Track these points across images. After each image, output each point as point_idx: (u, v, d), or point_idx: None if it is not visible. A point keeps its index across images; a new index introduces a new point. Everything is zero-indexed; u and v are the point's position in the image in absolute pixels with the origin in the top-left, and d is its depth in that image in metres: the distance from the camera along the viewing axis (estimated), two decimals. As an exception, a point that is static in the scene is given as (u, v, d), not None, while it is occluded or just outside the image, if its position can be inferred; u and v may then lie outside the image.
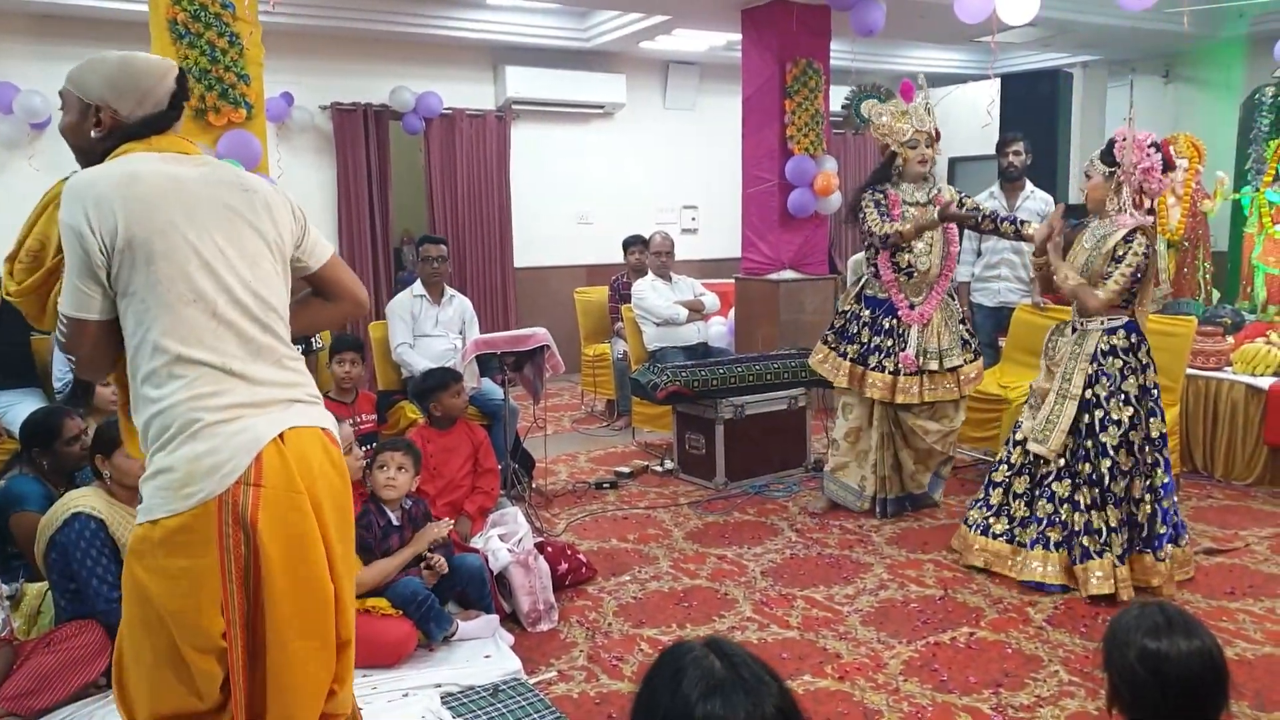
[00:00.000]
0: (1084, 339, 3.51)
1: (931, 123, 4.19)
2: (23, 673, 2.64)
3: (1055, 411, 3.52)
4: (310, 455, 1.79)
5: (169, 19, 4.44)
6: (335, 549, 1.84)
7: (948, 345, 4.20)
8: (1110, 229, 3.47)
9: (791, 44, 6.31)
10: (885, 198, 4.19)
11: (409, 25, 6.97)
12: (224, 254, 1.79)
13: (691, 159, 8.86)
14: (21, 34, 6.28)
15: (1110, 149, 3.47)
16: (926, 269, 4.18)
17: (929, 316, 4.18)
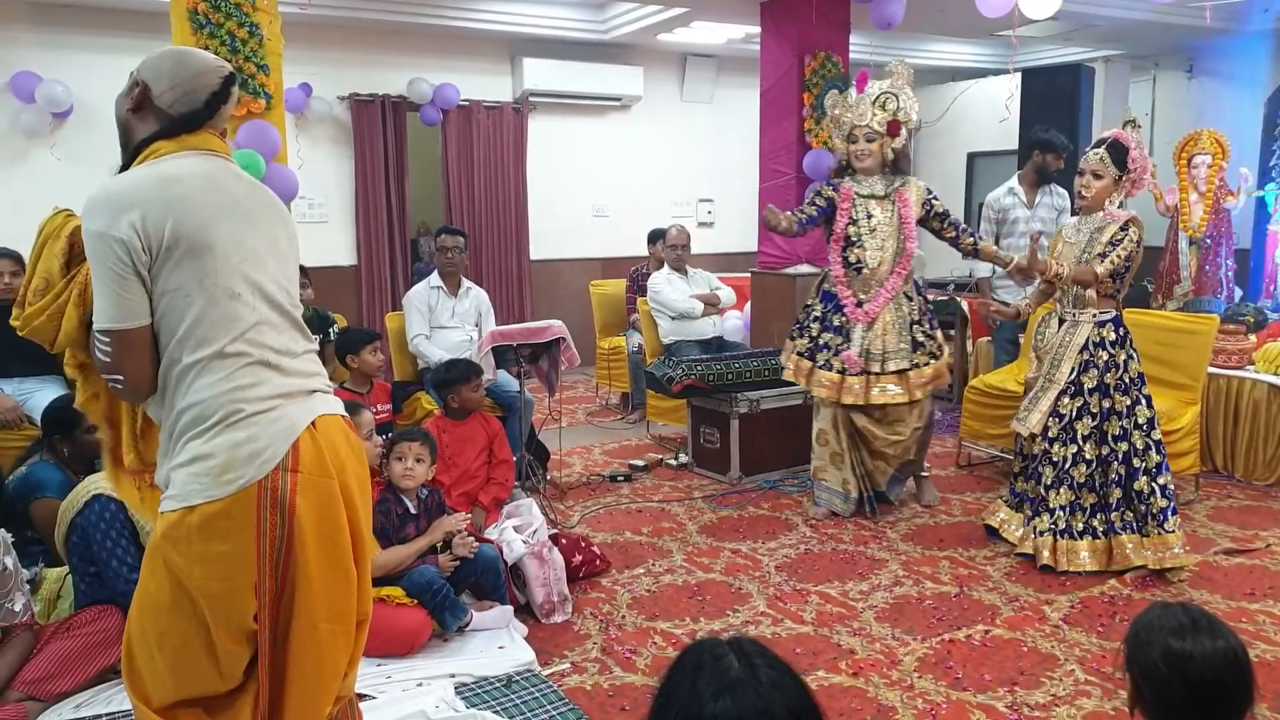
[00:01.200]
0: (1076, 330, 3.61)
1: (882, 116, 4.05)
2: (42, 657, 2.67)
3: (1037, 394, 3.67)
4: (337, 440, 1.84)
5: (190, 8, 4.45)
6: (359, 531, 1.90)
7: (894, 347, 4.07)
8: (1103, 222, 3.58)
9: (810, 37, 6.28)
10: (836, 191, 4.14)
11: (427, 16, 6.97)
12: (260, 249, 1.84)
13: (708, 152, 8.83)
14: (44, 23, 6.31)
15: (1121, 152, 3.54)
16: (876, 265, 4.07)
17: (874, 315, 4.07)
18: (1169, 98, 8.88)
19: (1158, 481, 3.57)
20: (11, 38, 6.24)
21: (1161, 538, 3.55)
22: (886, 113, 4.05)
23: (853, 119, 4.08)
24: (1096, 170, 3.57)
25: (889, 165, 4.13)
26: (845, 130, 4.11)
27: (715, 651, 1.07)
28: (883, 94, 4.06)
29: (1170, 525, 3.55)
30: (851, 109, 4.09)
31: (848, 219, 4.11)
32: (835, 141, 4.18)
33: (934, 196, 4.16)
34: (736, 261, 8.24)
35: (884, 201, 4.09)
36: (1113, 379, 3.57)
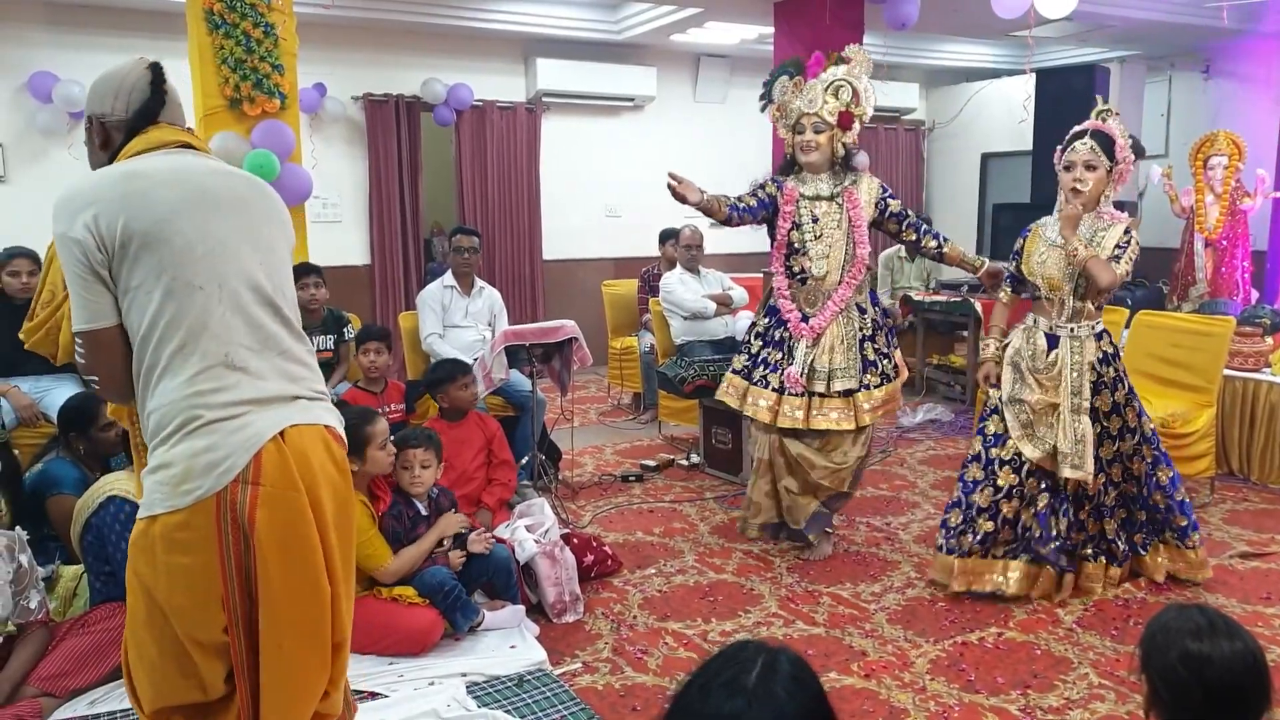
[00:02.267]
0: (1081, 346, 3.28)
1: (833, 105, 3.56)
2: (58, 653, 2.69)
3: (1077, 428, 3.24)
4: (311, 453, 1.75)
5: (205, 9, 4.49)
6: (334, 550, 1.81)
7: (841, 365, 3.59)
8: (1102, 224, 3.27)
9: (824, 38, 6.25)
10: (779, 190, 3.64)
11: (441, 17, 6.99)
12: (232, 239, 1.76)
13: (721, 152, 8.81)
14: (62, 24, 6.36)
15: (1108, 142, 3.25)
16: (822, 275, 3.61)
17: (820, 330, 3.60)
18: (1185, 99, 8.82)
19: (1174, 498, 3.42)
20: (29, 38, 6.29)
21: (1183, 553, 3.46)
22: (839, 102, 3.56)
23: (801, 106, 3.58)
24: (1089, 161, 3.24)
25: (838, 162, 3.65)
26: (792, 119, 3.62)
27: (743, 656, 1.06)
28: (836, 81, 3.57)
29: (1193, 541, 3.44)
30: (801, 95, 3.60)
31: (790, 223, 3.61)
32: (781, 132, 3.71)
33: (889, 195, 3.71)
34: (749, 262, 8.23)
35: (830, 203, 3.61)
36: (1121, 396, 3.33)
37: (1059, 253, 3.27)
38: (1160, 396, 4.45)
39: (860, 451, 3.71)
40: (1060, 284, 3.28)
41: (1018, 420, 3.33)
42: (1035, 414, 3.30)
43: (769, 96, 3.71)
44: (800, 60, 3.67)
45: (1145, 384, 4.56)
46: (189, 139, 1.86)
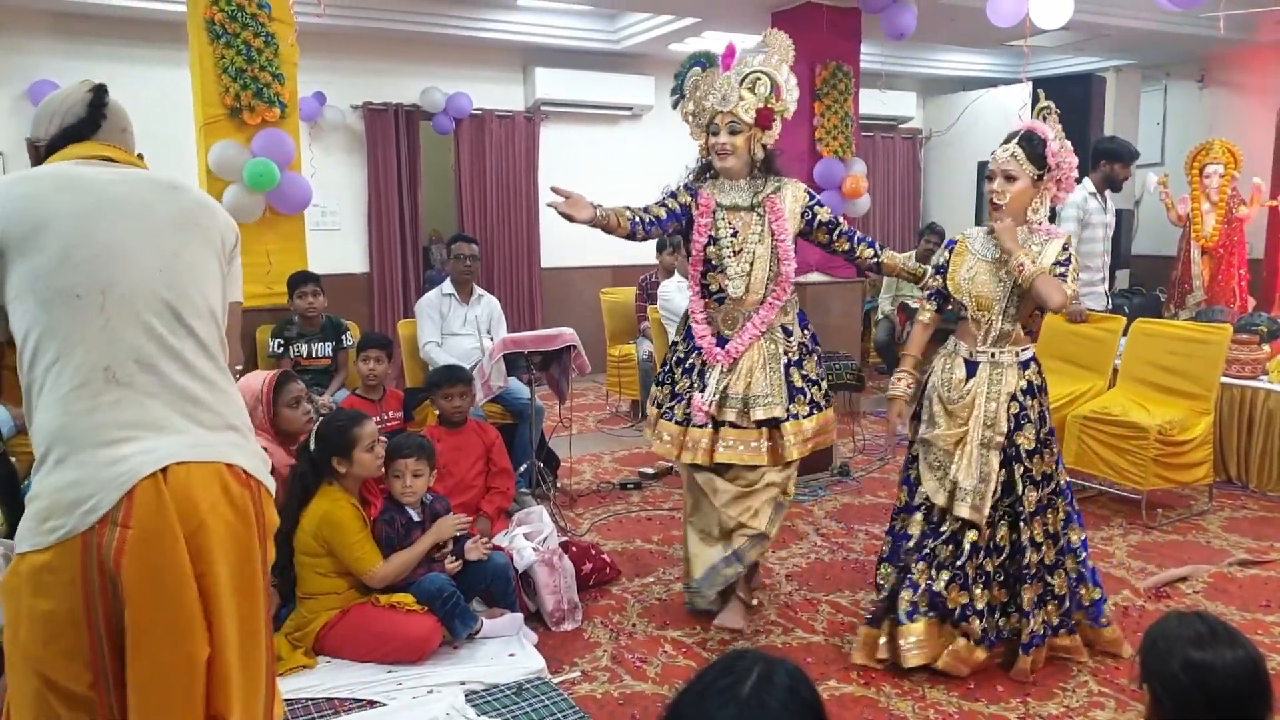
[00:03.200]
0: (1001, 373, 2.86)
1: (750, 102, 3.05)
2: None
3: (983, 466, 2.82)
4: (199, 495, 1.56)
5: (206, 19, 4.51)
6: (225, 607, 1.61)
7: (761, 391, 3.08)
8: (1035, 239, 2.87)
9: (821, 47, 6.30)
10: (694, 198, 3.17)
11: (440, 26, 7.01)
12: (127, 244, 1.61)
13: (719, 161, 8.83)
14: (60, 33, 6.37)
15: (1037, 146, 2.84)
16: (741, 295, 3.12)
17: (737, 355, 3.11)
18: (1181, 107, 8.86)
19: (1086, 565, 2.96)
20: (31, 47, 6.30)
21: (1097, 632, 2.99)
22: (756, 97, 3.06)
23: (714, 103, 3.10)
24: (1009, 171, 2.84)
25: (757, 166, 3.17)
26: (705, 118, 3.16)
27: (740, 666, 1.06)
28: (752, 73, 3.08)
29: (1106, 617, 3.00)
30: (714, 90, 3.12)
31: (706, 236, 3.13)
32: (693, 134, 3.24)
33: (816, 202, 3.22)
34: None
35: (749, 214, 3.14)
36: (1044, 434, 2.89)
37: (990, 268, 2.89)
38: (1158, 404, 4.46)
39: (778, 478, 3.10)
40: (990, 303, 2.87)
41: (928, 465, 2.93)
42: (941, 452, 2.90)
43: (680, 91, 3.24)
44: (711, 55, 3.21)
45: (1143, 391, 4.58)
46: (112, 154, 1.73)
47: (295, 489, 3.04)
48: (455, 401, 3.92)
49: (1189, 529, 4.24)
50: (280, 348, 4.57)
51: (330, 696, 2.76)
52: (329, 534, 2.95)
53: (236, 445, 1.67)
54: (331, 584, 3.00)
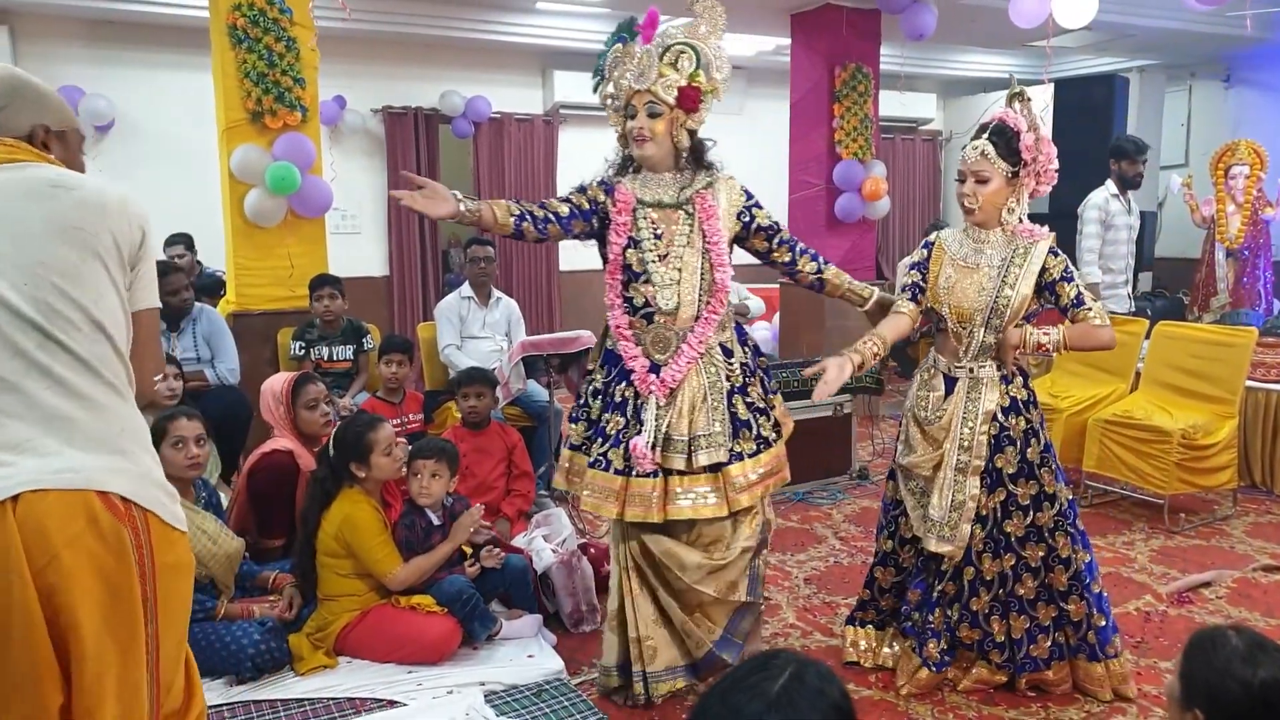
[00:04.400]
0: (978, 391, 2.62)
1: (671, 79, 2.57)
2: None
3: (957, 493, 2.62)
4: (53, 526, 1.41)
5: (229, 24, 4.55)
6: (87, 649, 1.46)
7: (704, 429, 2.59)
8: (1019, 243, 2.62)
9: (841, 48, 6.29)
10: (610, 195, 2.71)
11: (460, 30, 7.05)
12: (5, 253, 1.50)
13: (737, 163, 8.66)
14: (85, 39, 6.46)
15: (1010, 140, 2.56)
16: (672, 309, 2.63)
17: (673, 384, 2.61)
18: (1205, 108, 8.77)
19: (1092, 590, 2.70)
20: (59, 54, 6.39)
21: (1105, 665, 2.73)
22: (678, 74, 2.58)
23: (630, 81, 2.61)
24: (980, 171, 2.57)
25: (684, 157, 2.71)
26: (622, 100, 2.67)
27: (773, 665, 1.06)
28: (675, 46, 2.59)
29: (1115, 647, 2.73)
30: (630, 67, 2.63)
31: (625, 238, 2.66)
32: (611, 119, 2.75)
33: (755, 203, 2.76)
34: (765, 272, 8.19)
35: (676, 212, 2.67)
36: (1035, 454, 2.65)
37: (970, 276, 2.63)
38: (1181, 408, 4.42)
39: (748, 540, 2.66)
40: (971, 315, 2.62)
41: (909, 492, 2.74)
42: (919, 480, 2.71)
43: (600, 72, 2.76)
44: (634, 20, 2.70)
45: (1166, 395, 4.54)
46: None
47: (316, 493, 3.06)
48: (472, 402, 3.95)
49: (1212, 534, 4.20)
50: (301, 350, 4.61)
51: (351, 696, 2.78)
52: (349, 536, 2.97)
53: (117, 470, 1.51)
54: (352, 585, 3.02)
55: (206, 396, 4.11)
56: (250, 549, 3.22)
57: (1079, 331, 2.58)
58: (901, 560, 2.86)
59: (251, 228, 4.74)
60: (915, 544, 2.79)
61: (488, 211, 2.54)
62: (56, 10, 6.21)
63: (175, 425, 2.94)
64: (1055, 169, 2.61)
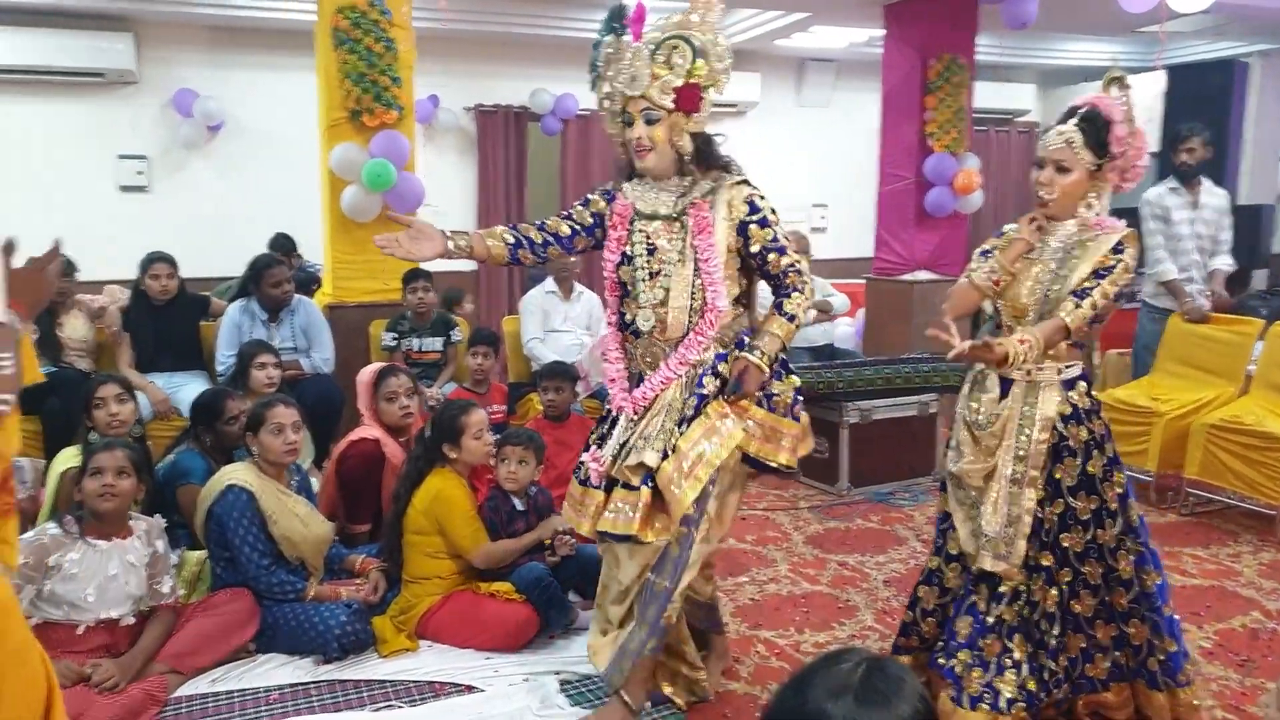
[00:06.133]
0: (1036, 396, 2.39)
1: (666, 80, 2.35)
2: (184, 634, 2.85)
3: (1013, 506, 2.38)
4: None
5: (332, 26, 4.71)
6: None
7: (653, 430, 2.42)
8: (1083, 235, 2.39)
9: (935, 39, 6.14)
10: (610, 204, 2.58)
11: (550, 28, 7.14)
12: None
13: (824, 157, 8.73)
14: (201, 44, 6.79)
15: (1100, 128, 2.34)
16: (649, 328, 2.48)
17: (644, 402, 2.47)
18: (1333, 94, 8.24)
19: (1162, 614, 2.46)
20: (176, 58, 6.74)
21: (1173, 694, 2.47)
22: (673, 73, 2.35)
23: (622, 86, 2.39)
24: (1060, 159, 2.36)
25: (688, 161, 2.47)
26: (618, 106, 2.44)
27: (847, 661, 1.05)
28: (666, 42, 2.36)
29: (1186, 675, 2.48)
30: (622, 69, 2.40)
31: (619, 253, 2.52)
32: (608, 125, 2.53)
33: (758, 218, 2.45)
34: (851, 267, 8.11)
35: (673, 224, 2.47)
36: (1097, 467, 2.40)
37: (1030, 269, 2.43)
38: (1296, 413, 4.18)
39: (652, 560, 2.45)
40: (1025, 310, 2.43)
41: (959, 503, 2.49)
42: (968, 490, 2.46)
43: (595, 68, 2.51)
44: (623, 8, 2.46)
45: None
46: None
47: (410, 472, 3.17)
48: (552, 395, 4.05)
49: (1327, 548, 3.97)
50: (393, 341, 4.76)
51: (431, 680, 2.86)
52: (439, 510, 3.06)
53: None
54: (437, 566, 3.10)
55: (302, 385, 4.28)
56: (338, 533, 3.35)
57: (1047, 331, 2.28)
58: (946, 579, 2.57)
59: (348, 223, 4.90)
60: (961, 561, 2.53)
61: (479, 245, 2.49)
62: (178, 17, 6.52)
63: (274, 412, 3.08)
64: (1145, 165, 2.41)
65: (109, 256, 5.57)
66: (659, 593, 2.44)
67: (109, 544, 2.74)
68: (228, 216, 6.66)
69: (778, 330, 2.47)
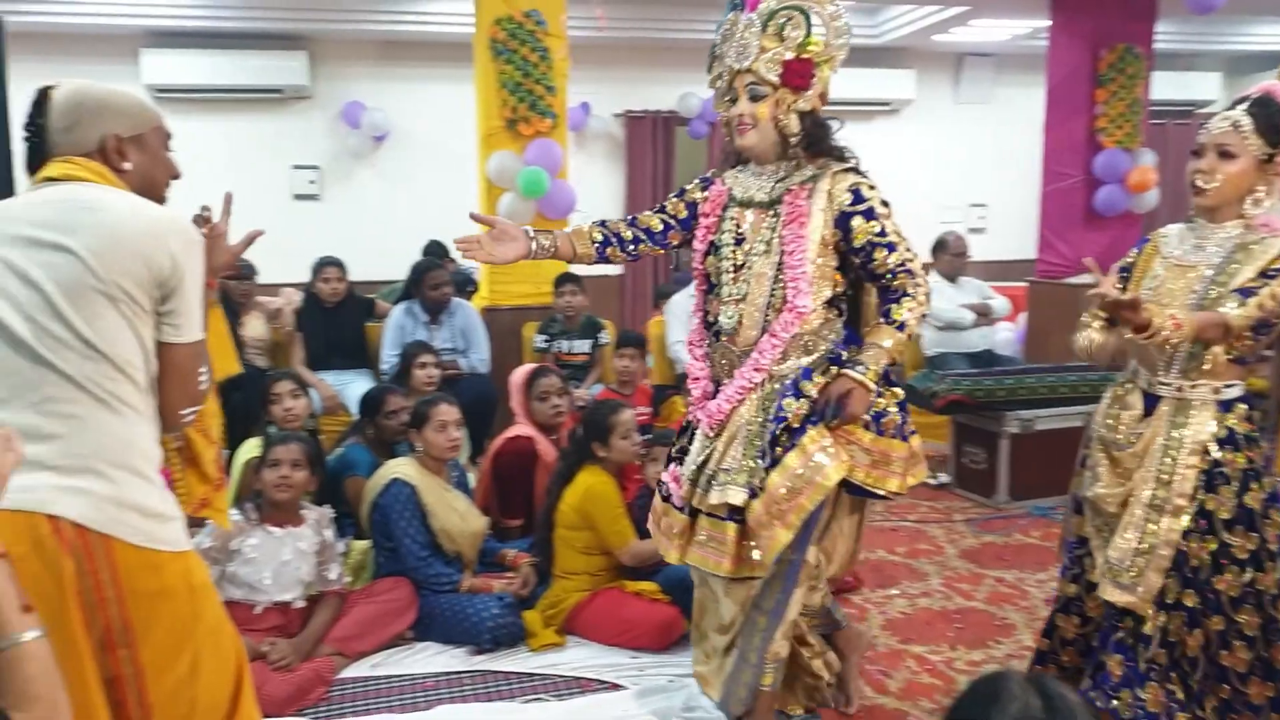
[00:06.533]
0: (1186, 416, 2.11)
1: (775, 53, 2.16)
2: (349, 619, 3.00)
3: (1148, 534, 2.11)
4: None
5: (490, 38, 4.88)
6: None
7: (736, 464, 2.18)
8: (1247, 237, 2.09)
9: (1108, 28, 5.80)
10: (706, 190, 2.39)
11: (699, 32, 7.15)
12: (14, 270, 1.50)
13: (982, 155, 8.39)
14: (368, 59, 7.18)
15: (1271, 115, 2.05)
16: (733, 327, 2.25)
17: (720, 416, 2.24)
18: None
19: None
20: (345, 72, 7.16)
21: None
22: (784, 45, 2.16)
23: (730, 60, 2.22)
24: (1226, 147, 2.06)
25: (793, 145, 2.24)
26: (725, 83, 2.28)
27: (1014, 686, 1.01)
28: (780, 12, 2.17)
29: None
30: (732, 42, 2.23)
31: (706, 242, 2.33)
32: (716, 106, 2.38)
33: (864, 209, 2.20)
34: (1012, 269, 7.75)
35: (765, 213, 2.25)
36: (1256, 500, 2.10)
37: (1182, 276, 2.12)
38: None
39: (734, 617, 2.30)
40: None
41: (1095, 529, 2.25)
42: (1102, 516, 2.22)
43: (714, 50, 2.35)
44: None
45: None
46: (56, 169, 1.61)
47: (562, 469, 3.25)
48: None
49: None
50: (545, 343, 4.89)
51: (577, 675, 2.91)
52: (590, 506, 3.11)
53: (79, 491, 1.47)
54: (586, 563, 3.16)
55: (459, 384, 4.46)
56: (492, 527, 3.46)
57: (1205, 323, 2.00)
58: (1087, 608, 2.32)
59: (504, 229, 5.06)
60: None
61: (565, 244, 2.33)
62: (348, 34, 6.93)
63: (437, 410, 3.22)
64: None
65: (284, 261, 5.94)
66: (761, 628, 2.27)
67: (283, 531, 2.93)
68: (392, 222, 7.01)
69: (885, 341, 2.17)
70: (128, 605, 1.49)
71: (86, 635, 1.46)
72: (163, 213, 1.60)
